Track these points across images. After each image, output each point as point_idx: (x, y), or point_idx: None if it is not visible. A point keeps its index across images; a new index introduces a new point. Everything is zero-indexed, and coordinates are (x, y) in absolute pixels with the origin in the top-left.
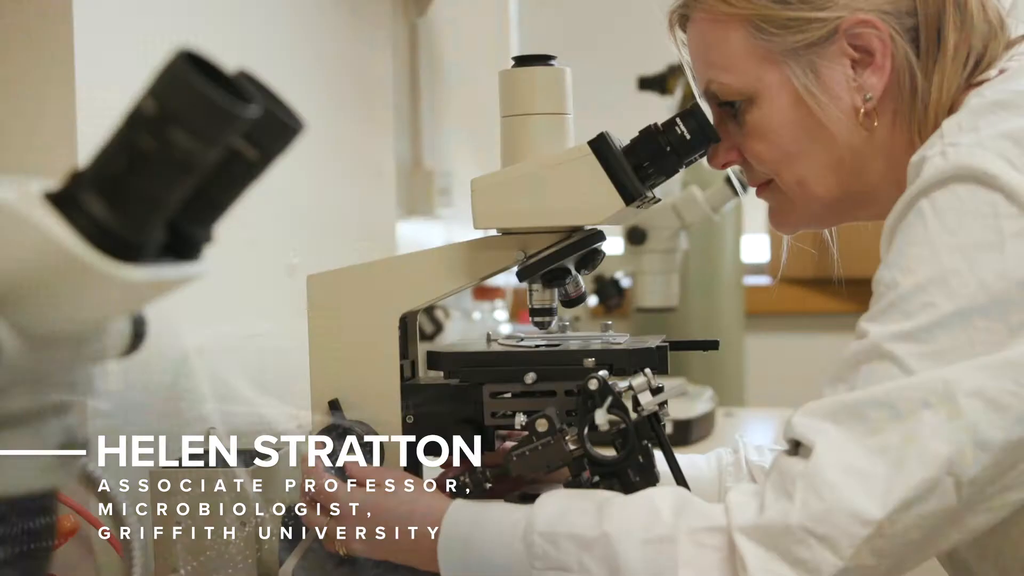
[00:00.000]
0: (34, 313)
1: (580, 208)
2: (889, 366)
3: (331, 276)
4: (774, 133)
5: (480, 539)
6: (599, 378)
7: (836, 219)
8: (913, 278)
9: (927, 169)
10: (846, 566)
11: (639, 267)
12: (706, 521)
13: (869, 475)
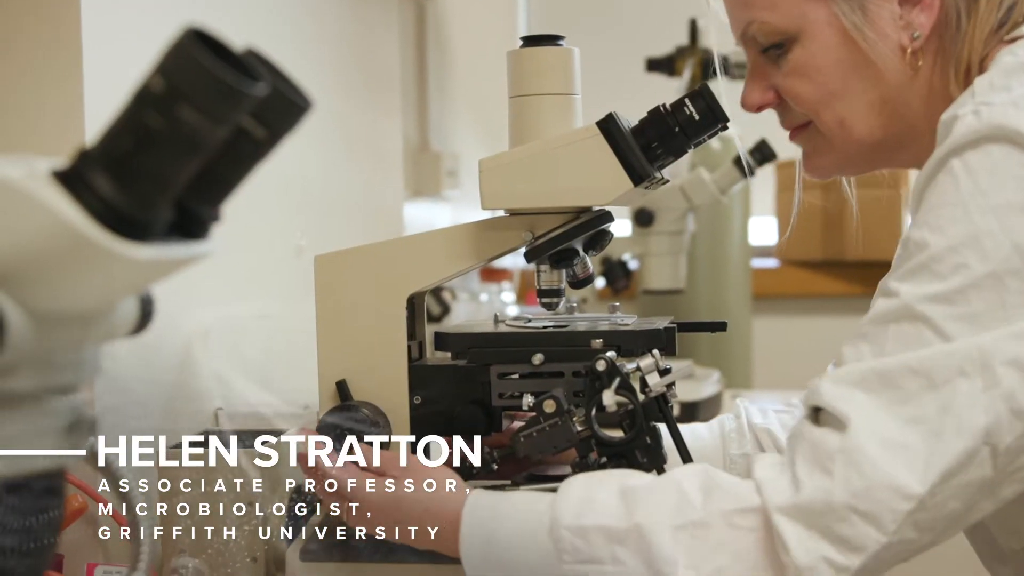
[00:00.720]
0: (41, 292)
1: (588, 189)
2: (922, 328)
3: (338, 257)
4: (818, 72)
5: (503, 534)
6: (607, 359)
7: (869, 164)
8: (945, 239)
9: (959, 128)
10: (889, 541)
11: (646, 249)
12: (738, 502)
13: (907, 447)
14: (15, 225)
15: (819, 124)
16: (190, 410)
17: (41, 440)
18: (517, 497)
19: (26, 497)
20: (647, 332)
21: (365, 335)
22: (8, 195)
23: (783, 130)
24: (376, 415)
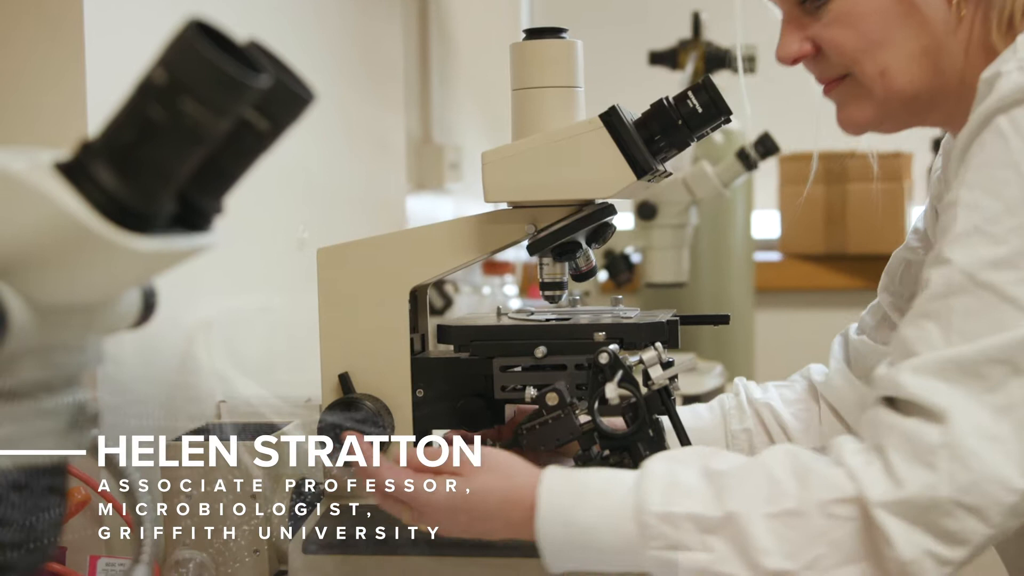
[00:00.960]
0: (44, 283)
1: (591, 181)
2: (989, 299)
3: (341, 249)
4: (861, 19)
5: (583, 517)
6: (610, 352)
7: (904, 120)
8: (999, 201)
9: (1003, 85)
10: (992, 533)
11: (649, 242)
12: (834, 492)
13: (1003, 438)
14: (18, 217)
15: (859, 75)
16: (192, 403)
17: (43, 432)
18: (593, 478)
19: (29, 490)
20: (650, 325)
21: (367, 328)
22: (11, 187)
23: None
24: (378, 408)
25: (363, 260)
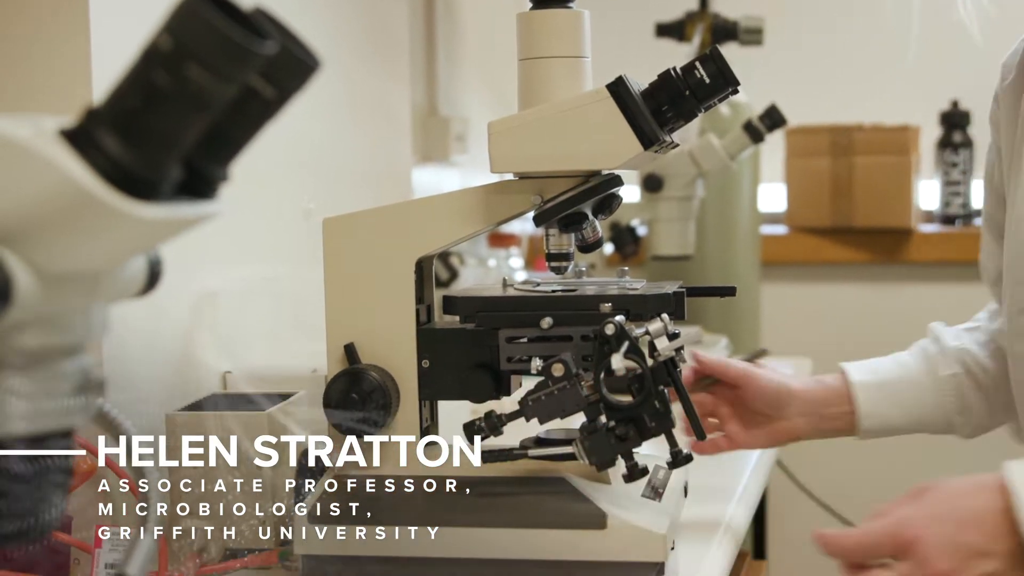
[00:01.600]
0: (48, 251)
1: (598, 152)
2: None
3: (347, 220)
4: None
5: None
6: (616, 323)
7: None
8: None
9: None
10: None
11: (655, 215)
12: None
13: None
14: (22, 184)
15: None
16: (198, 373)
17: (50, 400)
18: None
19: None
20: (656, 296)
21: (373, 298)
22: (15, 154)
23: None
24: (384, 379)
25: (369, 230)
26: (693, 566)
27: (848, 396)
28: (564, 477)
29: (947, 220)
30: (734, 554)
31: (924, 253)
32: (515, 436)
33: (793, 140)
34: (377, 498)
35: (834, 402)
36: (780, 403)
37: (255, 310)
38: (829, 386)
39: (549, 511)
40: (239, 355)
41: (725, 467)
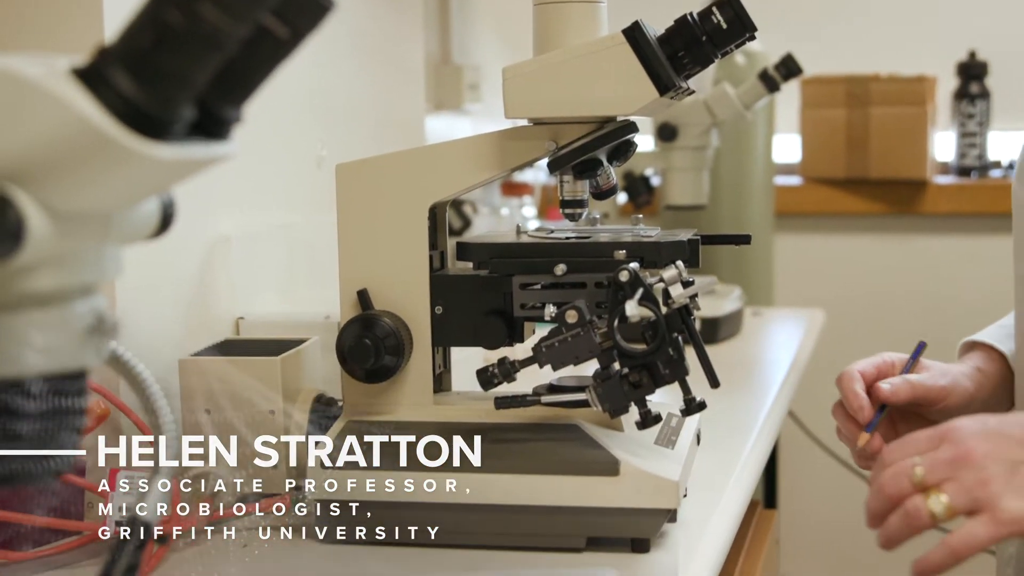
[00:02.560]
0: (61, 190)
1: (613, 98)
2: None
3: (360, 165)
4: None
5: None
6: (630, 270)
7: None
8: None
9: None
10: None
11: (669, 164)
12: None
13: None
14: (34, 123)
15: None
16: (211, 318)
17: (63, 341)
18: None
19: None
20: (670, 243)
21: (387, 244)
22: (27, 93)
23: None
24: (397, 325)
25: (382, 176)
26: (704, 513)
27: (1009, 378)
28: (577, 424)
29: (963, 172)
30: (745, 503)
31: (939, 205)
32: (528, 383)
33: (808, 90)
34: (390, 444)
35: (998, 392)
36: (959, 414)
37: (268, 256)
38: (991, 376)
39: (562, 458)
40: (252, 301)
41: (738, 416)
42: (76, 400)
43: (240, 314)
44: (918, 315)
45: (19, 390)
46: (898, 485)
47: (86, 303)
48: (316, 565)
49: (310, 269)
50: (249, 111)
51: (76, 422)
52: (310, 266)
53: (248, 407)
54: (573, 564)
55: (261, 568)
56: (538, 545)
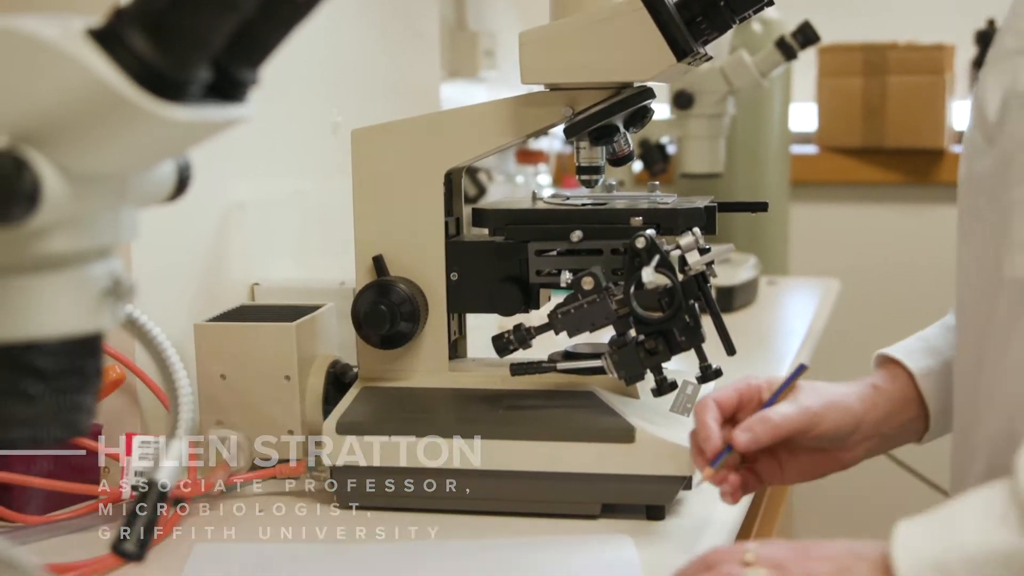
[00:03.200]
0: (76, 152)
1: (630, 63)
2: None
3: (376, 131)
4: None
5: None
6: (646, 236)
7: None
8: None
9: None
10: None
11: (685, 132)
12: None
13: None
14: (50, 85)
15: None
16: (226, 284)
17: (79, 303)
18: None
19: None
20: (687, 210)
21: (402, 210)
22: (43, 54)
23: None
24: (412, 291)
25: (398, 142)
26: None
27: (915, 397)
28: (592, 391)
29: None
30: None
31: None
32: (543, 351)
33: (826, 58)
34: (406, 409)
35: (897, 411)
36: (843, 437)
37: (283, 222)
38: (889, 394)
39: (577, 424)
40: (267, 267)
41: None
42: (91, 363)
43: (255, 280)
44: (933, 285)
45: (35, 352)
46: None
47: (102, 265)
48: (331, 529)
49: (325, 235)
50: (264, 78)
51: (91, 385)
52: (325, 232)
53: (263, 373)
54: (588, 531)
55: (276, 533)
56: (553, 512)
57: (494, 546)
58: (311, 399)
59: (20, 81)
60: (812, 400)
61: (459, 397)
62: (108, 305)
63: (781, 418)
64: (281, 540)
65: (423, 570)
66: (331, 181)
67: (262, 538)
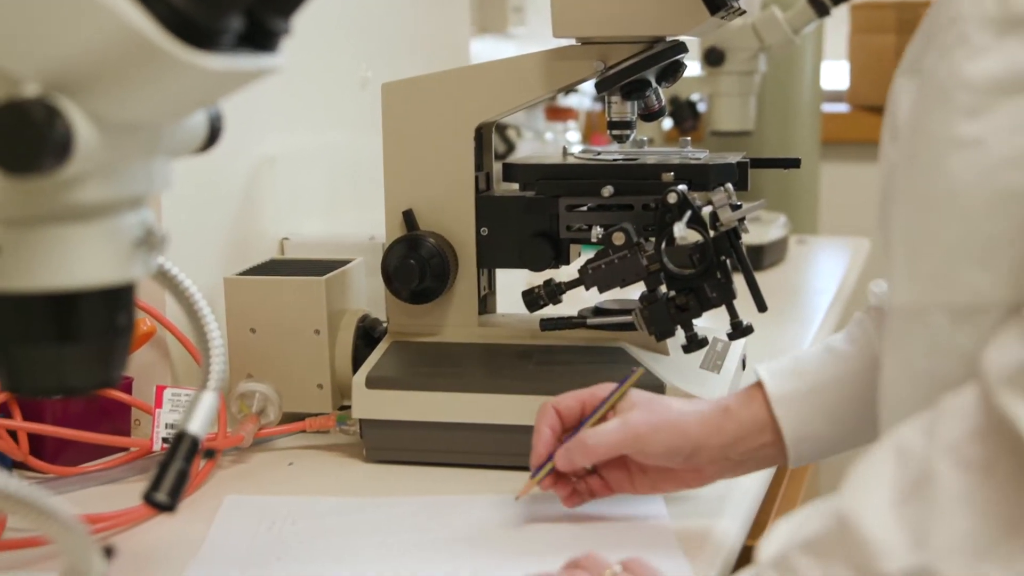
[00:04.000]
0: (109, 101)
1: (663, 17)
2: None
3: (406, 85)
4: None
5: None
6: (678, 191)
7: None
8: None
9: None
10: None
11: (716, 89)
12: (963, 420)
13: None
14: (83, 33)
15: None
16: (256, 238)
17: (111, 253)
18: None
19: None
20: (719, 166)
21: (432, 165)
22: (76, 3)
23: None
24: (442, 245)
25: (429, 96)
26: None
27: (772, 423)
28: (622, 347)
29: None
30: None
31: None
32: (573, 307)
33: (858, 15)
34: (435, 364)
35: (747, 436)
36: (682, 459)
37: (313, 177)
38: (740, 419)
39: (607, 380)
40: (297, 222)
41: (782, 344)
42: (123, 314)
43: (285, 234)
44: None
45: (67, 302)
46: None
47: (134, 216)
48: (360, 483)
49: (355, 190)
50: (294, 32)
51: (123, 336)
52: (355, 187)
53: (293, 327)
54: None
55: (305, 486)
56: None
57: (522, 501)
58: (340, 353)
59: (53, 29)
60: (643, 420)
61: (488, 352)
62: (140, 255)
63: (596, 443)
64: (310, 493)
65: (450, 525)
66: (361, 136)
67: (291, 491)
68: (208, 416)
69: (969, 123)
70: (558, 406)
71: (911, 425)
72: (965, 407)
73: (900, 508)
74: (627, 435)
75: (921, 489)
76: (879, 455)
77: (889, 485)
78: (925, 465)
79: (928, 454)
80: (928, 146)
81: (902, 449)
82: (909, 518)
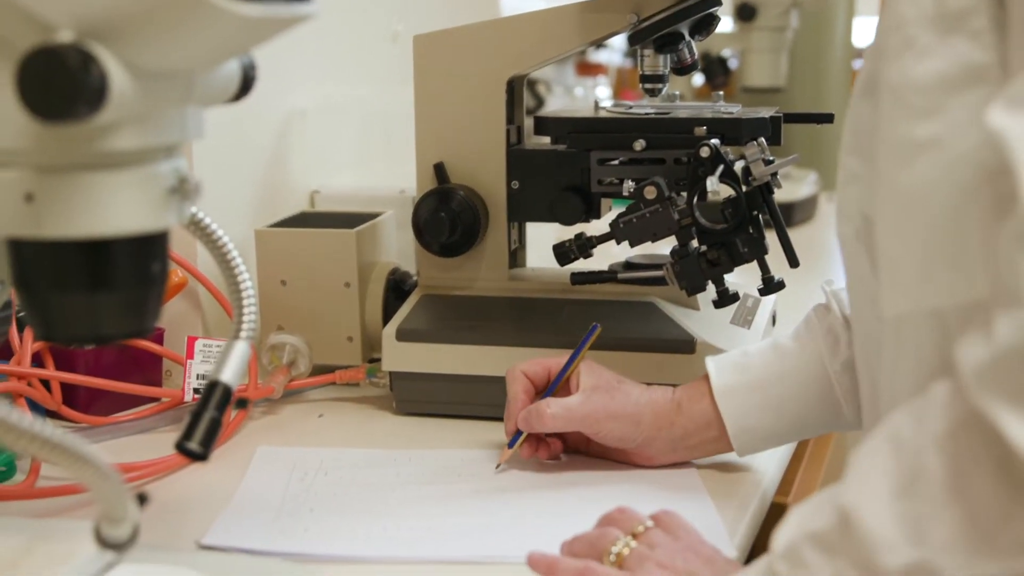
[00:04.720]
0: (144, 48)
1: None
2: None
3: (438, 37)
4: None
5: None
6: (711, 145)
7: None
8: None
9: None
10: None
11: (747, 45)
12: (945, 412)
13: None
14: None
15: None
16: (286, 190)
17: (145, 200)
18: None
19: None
20: (752, 120)
21: (463, 118)
22: None
23: None
24: (472, 198)
25: (460, 48)
26: None
27: (715, 418)
28: (653, 302)
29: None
30: None
31: None
32: (603, 262)
33: None
34: (465, 317)
35: (696, 430)
36: (633, 444)
37: (344, 130)
38: (689, 415)
39: (638, 335)
40: (327, 174)
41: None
42: (157, 262)
43: (315, 187)
44: None
45: (101, 250)
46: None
47: (168, 163)
48: (389, 436)
49: (385, 143)
50: None
51: (156, 285)
52: (385, 140)
53: (324, 279)
54: None
55: (335, 437)
56: None
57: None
58: (371, 306)
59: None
60: (601, 405)
61: (518, 305)
62: (174, 203)
63: (553, 415)
64: (340, 445)
65: (480, 477)
66: (392, 89)
67: (321, 443)
68: (240, 366)
69: (925, 124)
70: (526, 370)
71: (902, 412)
72: (946, 400)
73: (898, 502)
74: (584, 416)
75: (915, 482)
76: (874, 444)
77: (886, 478)
78: (916, 458)
79: (918, 445)
80: (890, 153)
81: (895, 438)
82: (907, 513)
